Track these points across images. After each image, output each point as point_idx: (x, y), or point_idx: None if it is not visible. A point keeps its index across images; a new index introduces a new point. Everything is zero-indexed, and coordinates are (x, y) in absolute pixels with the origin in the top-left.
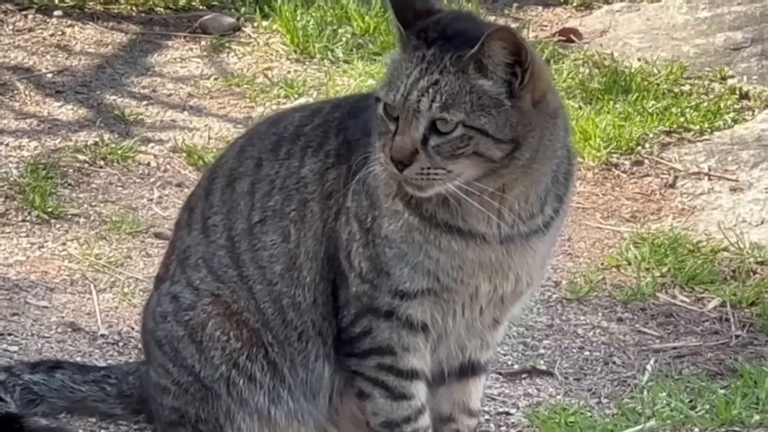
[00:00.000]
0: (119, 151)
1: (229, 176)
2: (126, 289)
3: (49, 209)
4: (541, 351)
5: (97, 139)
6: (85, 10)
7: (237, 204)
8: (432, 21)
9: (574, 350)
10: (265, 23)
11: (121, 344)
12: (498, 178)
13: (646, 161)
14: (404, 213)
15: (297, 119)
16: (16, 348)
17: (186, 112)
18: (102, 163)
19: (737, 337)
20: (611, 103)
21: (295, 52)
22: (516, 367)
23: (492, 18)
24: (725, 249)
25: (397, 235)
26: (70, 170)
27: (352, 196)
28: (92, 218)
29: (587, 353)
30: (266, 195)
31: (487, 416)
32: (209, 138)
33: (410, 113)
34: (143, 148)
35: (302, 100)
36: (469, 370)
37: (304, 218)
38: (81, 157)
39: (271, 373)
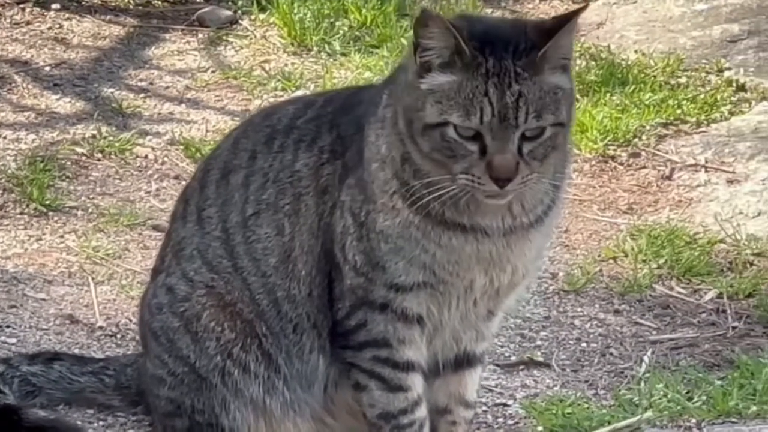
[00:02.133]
0: (117, 144)
1: (223, 169)
2: (124, 282)
3: (47, 202)
4: (539, 342)
5: (95, 132)
6: (83, 3)
7: (231, 196)
8: (460, 33)
9: (571, 342)
10: (262, 16)
11: (119, 336)
12: None
13: (643, 153)
14: (403, 210)
15: (290, 112)
16: (14, 340)
17: (183, 105)
18: (100, 155)
19: (734, 328)
20: (608, 95)
21: (292, 44)
22: (513, 358)
23: (489, 11)
24: (722, 241)
25: (394, 231)
26: (68, 163)
27: (346, 190)
28: (90, 211)
29: (584, 345)
30: (260, 188)
31: (484, 407)
32: (207, 130)
33: (504, 130)
34: (141, 141)
35: (299, 93)
36: (464, 361)
37: (299, 212)
38: (79, 149)
39: (266, 364)
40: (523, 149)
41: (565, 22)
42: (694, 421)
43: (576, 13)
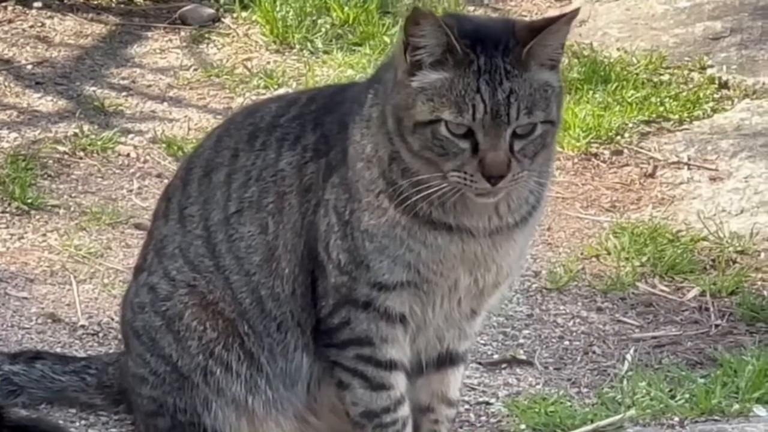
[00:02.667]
0: (99, 143)
1: (206, 167)
2: (106, 280)
3: (29, 200)
4: (521, 341)
5: (77, 131)
6: (65, 1)
7: (213, 194)
8: (451, 30)
9: (554, 340)
10: (244, 14)
11: (101, 335)
12: None
13: (626, 151)
14: (390, 210)
15: (273, 110)
16: None
17: (165, 103)
18: (82, 154)
19: (717, 326)
20: (590, 93)
21: (275, 42)
22: (496, 356)
23: (471, 9)
24: (705, 238)
25: (379, 230)
26: (50, 161)
27: (330, 188)
28: (72, 209)
29: (567, 343)
30: (242, 186)
31: (467, 406)
32: (189, 129)
33: (496, 127)
34: (123, 139)
35: (282, 91)
36: (447, 360)
37: (282, 210)
38: (61, 148)
39: (248, 363)
40: (515, 147)
41: (553, 22)
42: (676, 419)
43: (566, 16)
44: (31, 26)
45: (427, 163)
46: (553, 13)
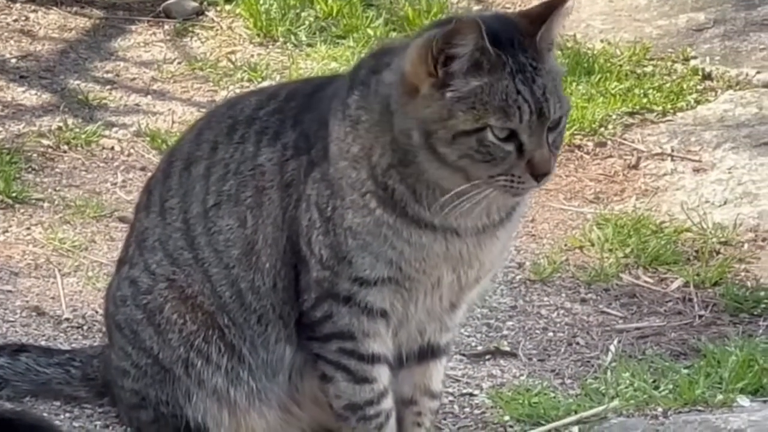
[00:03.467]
0: (83, 136)
1: (186, 159)
2: (90, 273)
3: (13, 194)
4: (505, 332)
5: (61, 124)
6: None
7: (193, 187)
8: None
9: (538, 331)
10: (228, 7)
11: (85, 328)
12: None
13: (609, 142)
14: (377, 210)
15: (253, 102)
16: None
17: (149, 97)
18: (66, 147)
19: (700, 317)
20: (574, 84)
21: (259, 35)
22: (479, 348)
23: (454, 1)
24: (688, 229)
25: (363, 228)
26: (34, 155)
27: (311, 184)
28: (56, 203)
29: (551, 334)
30: (221, 179)
31: (450, 398)
32: (173, 122)
33: (540, 126)
34: (107, 133)
35: (266, 84)
36: (429, 352)
37: (262, 205)
38: (45, 141)
39: (229, 355)
40: (549, 140)
41: (554, 7)
42: (660, 409)
43: (552, 3)
44: (15, 20)
45: (454, 173)
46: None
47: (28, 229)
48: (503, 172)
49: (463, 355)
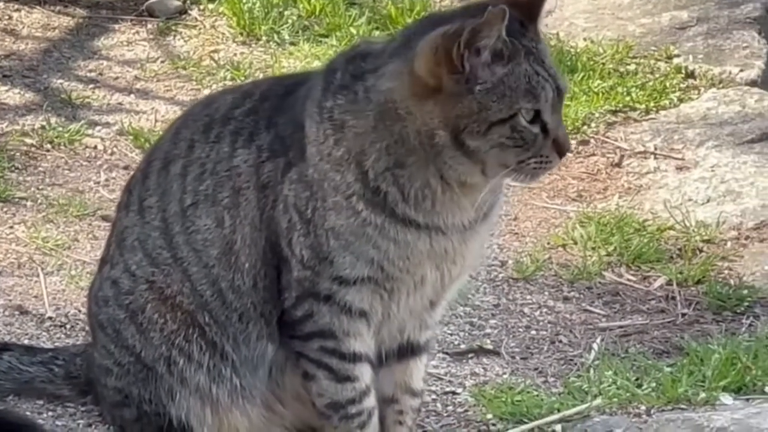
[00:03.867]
0: (66, 135)
1: (164, 158)
2: (73, 272)
3: None
4: (488, 330)
5: (44, 123)
6: None
7: (171, 186)
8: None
9: (521, 329)
10: (211, 6)
11: (68, 327)
12: None
13: (592, 141)
14: (363, 212)
15: (229, 101)
16: None
17: (133, 95)
18: (49, 146)
19: (683, 315)
20: None
21: (242, 34)
22: (462, 346)
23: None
24: (671, 228)
25: (347, 229)
26: (17, 154)
27: (288, 185)
28: (39, 201)
29: (534, 332)
30: (198, 178)
31: (433, 396)
32: (156, 121)
33: (558, 104)
34: (90, 132)
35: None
36: (408, 350)
37: (239, 206)
38: (28, 140)
39: (211, 353)
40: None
41: None
42: (643, 408)
43: None
44: None
45: (476, 165)
46: None
47: (11, 227)
48: (534, 154)
49: (446, 353)
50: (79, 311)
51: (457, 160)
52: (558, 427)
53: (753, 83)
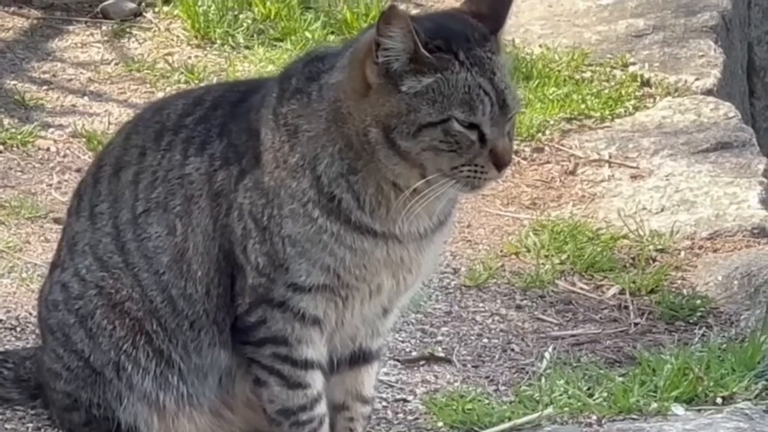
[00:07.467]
0: (19, 136)
1: (115, 164)
2: (24, 275)
3: None
4: (440, 338)
5: None
6: None
7: (122, 193)
8: (419, 32)
9: (473, 337)
10: (166, 9)
11: (18, 329)
12: None
13: (547, 148)
14: (319, 219)
15: (180, 108)
16: None
17: (86, 98)
18: (1, 148)
19: (636, 324)
20: None
21: (196, 37)
22: (414, 354)
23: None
24: (625, 236)
25: (303, 236)
26: None
27: (243, 192)
28: None
29: (485, 340)
30: (149, 186)
31: (384, 403)
32: (109, 123)
33: (502, 117)
34: (43, 134)
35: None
36: (360, 358)
37: (191, 214)
38: None
39: (157, 360)
40: (506, 132)
41: (509, 2)
42: (594, 417)
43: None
44: None
45: (414, 168)
46: None
47: None
48: (467, 162)
49: (397, 360)
50: (30, 314)
51: (391, 160)
52: None
53: (709, 92)
